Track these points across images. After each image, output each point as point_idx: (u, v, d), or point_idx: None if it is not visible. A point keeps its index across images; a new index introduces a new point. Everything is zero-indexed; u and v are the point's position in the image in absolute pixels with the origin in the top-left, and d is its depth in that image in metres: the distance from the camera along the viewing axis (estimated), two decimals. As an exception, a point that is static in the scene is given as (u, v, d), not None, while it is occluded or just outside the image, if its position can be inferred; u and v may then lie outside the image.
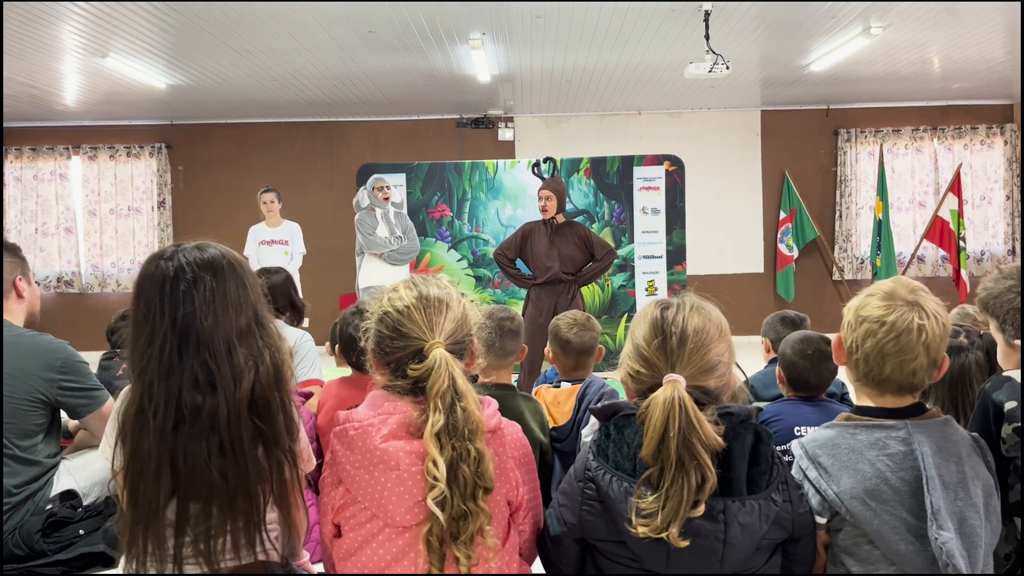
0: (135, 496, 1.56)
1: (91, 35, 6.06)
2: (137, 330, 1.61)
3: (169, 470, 1.55)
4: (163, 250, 1.66)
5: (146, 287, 1.61)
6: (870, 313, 1.63)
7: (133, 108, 8.85)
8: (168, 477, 1.55)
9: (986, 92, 9.15)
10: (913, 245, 9.49)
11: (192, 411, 1.56)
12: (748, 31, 6.44)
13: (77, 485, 2.79)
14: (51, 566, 2.64)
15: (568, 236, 5.48)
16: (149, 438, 1.55)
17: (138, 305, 1.62)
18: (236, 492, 1.57)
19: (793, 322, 3.40)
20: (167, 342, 1.57)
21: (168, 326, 1.58)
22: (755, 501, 1.51)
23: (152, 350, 1.57)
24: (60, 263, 9.65)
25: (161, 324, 1.58)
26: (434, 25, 6.11)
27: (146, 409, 1.56)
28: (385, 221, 6.41)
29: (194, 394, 1.56)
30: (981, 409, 1.80)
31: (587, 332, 2.96)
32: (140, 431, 1.56)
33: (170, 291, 1.59)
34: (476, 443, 1.55)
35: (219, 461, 1.56)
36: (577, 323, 2.98)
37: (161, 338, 1.57)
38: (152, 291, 1.60)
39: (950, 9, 5.94)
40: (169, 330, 1.58)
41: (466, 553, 1.52)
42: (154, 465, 1.54)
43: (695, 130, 9.73)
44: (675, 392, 1.50)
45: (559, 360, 3.01)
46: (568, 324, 2.98)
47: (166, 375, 1.56)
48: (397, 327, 1.64)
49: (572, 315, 3.04)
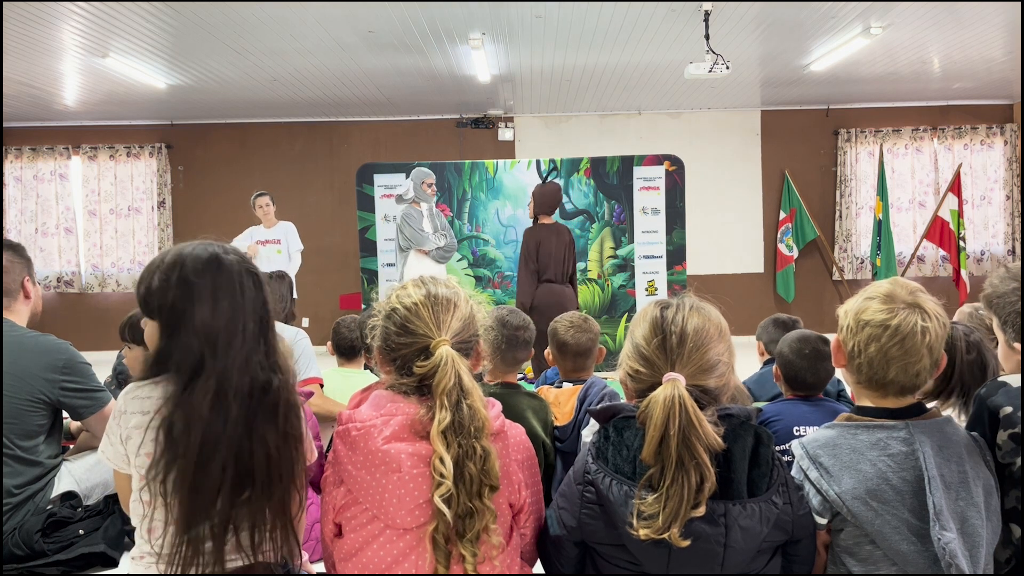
0: (197, 489, 1.56)
1: (91, 35, 6.06)
2: (215, 317, 1.63)
3: (233, 460, 1.58)
4: (207, 244, 1.70)
5: (221, 277, 1.65)
6: (872, 317, 1.62)
7: (133, 108, 8.85)
8: (232, 467, 1.58)
9: (986, 92, 9.16)
10: (913, 245, 9.50)
11: (262, 393, 1.63)
12: (748, 31, 6.44)
13: (78, 486, 2.79)
14: (51, 566, 2.64)
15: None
16: (225, 424, 1.58)
17: (215, 290, 1.64)
18: (279, 482, 1.64)
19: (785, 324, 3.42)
20: (249, 326, 1.65)
21: (251, 312, 1.66)
22: (756, 504, 1.50)
23: (236, 336, 1.63)
24: (60, 263, 9.65)
25: (242, 311, 1.65)
26: (434, 25, 6.11)
27: (228, 393, 1.59)
28: (430, 217, 6.40)
29: (269, 374, 1.65)
30: (976, 415, 1.79)
31: (584, 333, 2.93)
32: (214, 418, 1.57)
33: (252, 283, 1.68)
34: (482, 441, 1.55)
35: (280, 448, 1.64)
36: (575, 324, 2.95)
37: (243, 323, 1.64)
38: (230, 280, 1.66)
39: (950, 9, 5.94)
40: (251, 316, 1.66)
41: (472, 551, 1.52)
42: (222, 454, 1.57)
43: (695, 130, 9.73)
44: (675, 390, 1.50)
45: (558, 362, 3.00)
46: (566, 326, 2.96)
47: (245, 360, 1.62)
48: (405, 323, 1.64)
49: (570, 316, 3.01)
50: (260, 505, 1.61)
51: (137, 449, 1.63)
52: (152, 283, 1.66)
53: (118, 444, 1.67)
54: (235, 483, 1.58)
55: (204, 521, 1.56)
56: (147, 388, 1.65)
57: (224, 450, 1.57)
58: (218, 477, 1.56)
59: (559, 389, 2.91)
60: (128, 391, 1.67)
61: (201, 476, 1.56)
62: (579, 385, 2.86)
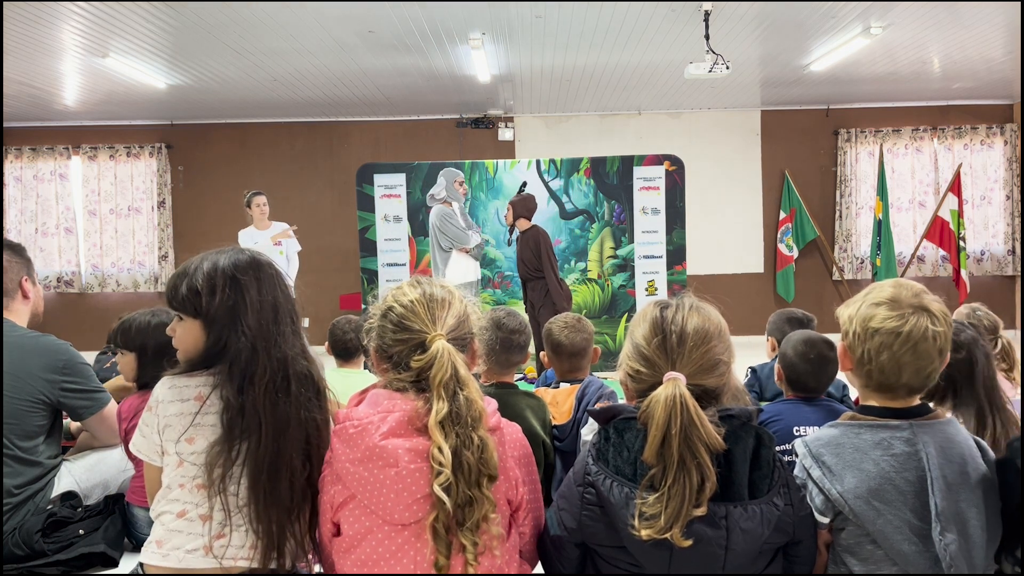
0: (273, 474, 1.67)
1: (91, 35, 6.06)
2: (264, 313, 1.75)
3: (302, 442, 1.72)
4: (237, 249, 1.82)
5: (263, 275, 1.78)
6: (882, 325, 1.61)
7: (133, 108, 8.84)
8: (301, 449, 1.71)
9: (986, 92, 9.15)
10: (913, 245, 9.49)
11: (307, 380, 1.77)
12: (748, 31, 6.44)
13: (78, 486, 2.78)
14: (51, 566, 2.63)
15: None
16: (289, 407, 1.71)
17: (260, 287, 1.76)
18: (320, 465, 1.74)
19: (800, 321, 3.37)
20: (289, 319, 1.79)
21: (288, 307, 1.79)
22: (757, 506, 1.50)
23: (283, 329, 1.76)
24: (60, 263, 9.65)
25: (283, 306, 1.78)
26: (434, 25, 6.10)
27: (289, 380, 1.72)
28: (462, 215, 6.46)
29: (308, 363, 1.79)
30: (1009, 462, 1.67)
31: (578, 334, 2.93)
32: (278, 403, 1.70)
33: (283, 282, 1.82)
34: (479, 431, 1.57)
35: (323, 430, 1.77)
36: (568, 325, 2.95)
37: (286, 314, 1.78)
38: (271, 279, 1.79)
39: (950, 9, 5.94)
40: (289, 311, 1.80)
41: (472, 540, 1.53)
42: (292, 434, 1.70)
43: (695, 130, 9.73)
44: (676, 389, 1.50)
45: (554, 363, 3.00)
46: (560, 327, 2.96)
47: (292, 351, 1.76)
48: (401, 321, 1.66)
49: (564, 317, 3.01)
50: (316, 489, 1.71)
51: (177, 438, 1.69)
52: (196, 284, 1.73)
53: (153, 435, 1.72)
54: (303, 465, 1.71)
55: (280, 509, 1.67)
56: (184, 378, 1.73)
57: (294, 431, 1.69)
58: (291, 458, 1.68)
59: (556, 389, 2.91)
60: (164, 383, 1.74)
61: (276, 458, 1.67)
62: (576, 384, 2.86)
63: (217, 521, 1.65)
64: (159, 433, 1.71)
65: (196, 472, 1.67)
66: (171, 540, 1.67)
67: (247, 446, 1.66)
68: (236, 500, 1.66)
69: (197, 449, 1.68)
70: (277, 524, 1.66)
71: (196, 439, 1.68)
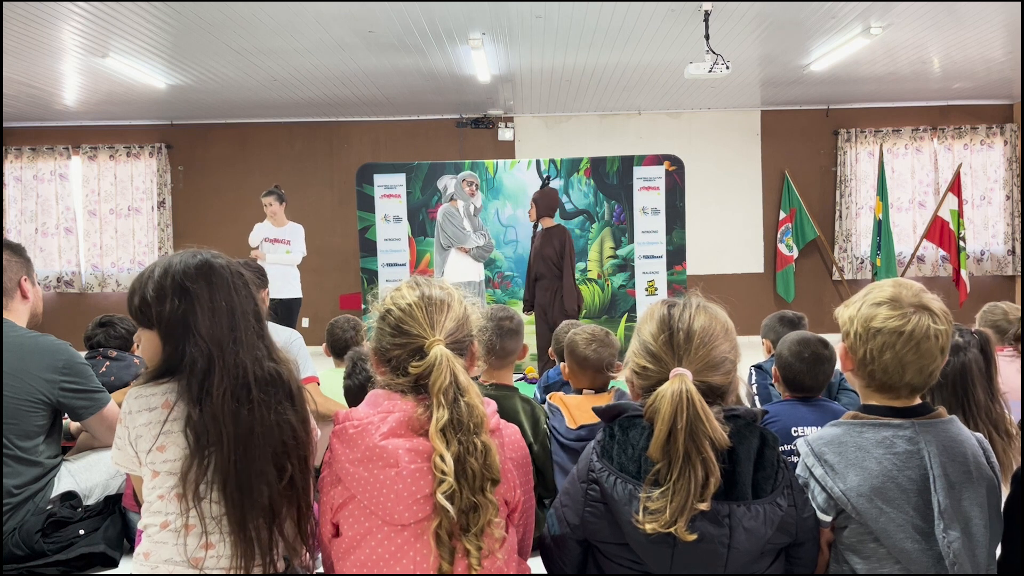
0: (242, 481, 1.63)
1: (91, 35, 6.06)
2: (217, 318, 1.69)
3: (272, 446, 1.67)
4: (193, 251, 1.76)
5: (215, 279, 1.72)
6: (884, 325, 1.61)
7: (133, 108, 8.84)
8: (270, 454, 1.66)
9: (986, 92, 9.16)
10: (913, 245, 9.50)
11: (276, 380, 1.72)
12: (748, 31, 6.44)
13: (78, 486, 2.78)
14: (51, 566, 2.63)
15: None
16: (251, 412, 1.66)
17: (212, 293, 1.71)
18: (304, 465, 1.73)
19: (792, 321, 3.40)
20: (249, 322, 1.73)
21: (248, 309, 1.74)
22: (760, 506, 1.51)
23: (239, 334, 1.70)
24: (60, 263, 9.65)
25: (240, 310, 1.72)
26: (434, 25, 6.10)
27: (249, 385, 1.67)
28: (468, 216, 6.48)
29: (275, 364, 1.74)
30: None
31: (606, 348, 2.80)
32: (239, 409, 1.65)
33: (242, 282, 1.76)
34: (482, 436, 1.56)
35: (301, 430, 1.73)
36: (596, 339, 2.81)
37: (243, 321, 1.72)
38: (224, 282, 1.73)
39: (950, 9, 5.94)
40: (249, 313, 1.74)
41: (477, 544, 1.53)
42: (261, 440, 1.65)
43: (695, 130, 9.73)
44: (683, 385, 1.51)
45: (575, 375, 2.85)
46: (586, 340, 2.81)
47: (251, 355, 1.70)
48: (399, 324, 1.65)
49: (590, 330, 2.87)
50: (300, 490, 1.70)
51: (149, 448, 1.66)
52: (147, 294, 1.70)
53: (127, 447, 1.70)
54: (278, 469, 1.67)
55: (257, 515, 1.63)
56: (151, 387, 1.70)
57: (261, 438, 1.65)
58: (262, 465, 1.64)
59: (580, 396, 2.80)
60: (131, 394, 1.71)
61: (245, 466, 1.63)
62: (605, 394, 2.77)
63: (198, 531, 1.63)
64: (131, 445, 1.68)
65: (173, 482, 1.64)
66: (157, 552, 1.65)
67: (215, 457, 1.63)
68: (213, 509, 1.64)
69: (169, 457, 1.65)
70: (256, 531, 1.63)
71: (167, 447, 1.65)
